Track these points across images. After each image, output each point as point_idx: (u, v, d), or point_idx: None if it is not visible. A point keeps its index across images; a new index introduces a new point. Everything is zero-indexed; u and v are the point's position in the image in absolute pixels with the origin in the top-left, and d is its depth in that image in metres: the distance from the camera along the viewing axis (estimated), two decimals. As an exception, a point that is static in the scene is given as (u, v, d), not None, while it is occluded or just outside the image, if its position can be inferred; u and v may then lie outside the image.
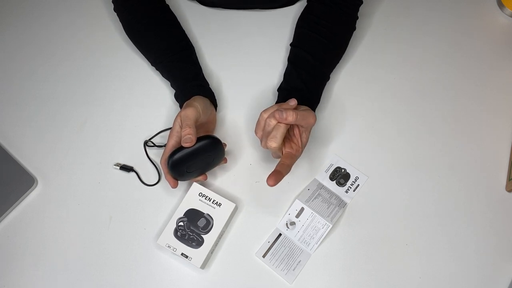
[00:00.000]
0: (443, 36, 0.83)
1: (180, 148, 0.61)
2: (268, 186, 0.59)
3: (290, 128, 0.64)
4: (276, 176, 0.59)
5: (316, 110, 0.72)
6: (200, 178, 0.66)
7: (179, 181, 0.64)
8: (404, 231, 0.67)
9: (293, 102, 0.61)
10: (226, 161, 0.69)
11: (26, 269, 0.65)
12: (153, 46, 0.75)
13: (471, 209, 0.69)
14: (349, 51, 0.79)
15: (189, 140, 0.59)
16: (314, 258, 0.66)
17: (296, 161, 0.66)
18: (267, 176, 0.59)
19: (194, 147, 0.61)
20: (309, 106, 0.68)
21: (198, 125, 0.65)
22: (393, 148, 0.73)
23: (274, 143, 0.58)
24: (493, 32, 0.83)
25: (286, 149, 0.64)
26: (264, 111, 0.61)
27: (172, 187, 0.64)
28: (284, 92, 0.71)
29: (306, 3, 0.77)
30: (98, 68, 0.80)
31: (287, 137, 0.64)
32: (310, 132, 0.64)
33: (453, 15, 0.85)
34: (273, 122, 0.58)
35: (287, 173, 0.61)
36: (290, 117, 0.57)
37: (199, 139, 0.61)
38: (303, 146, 0.64)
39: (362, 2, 0.76)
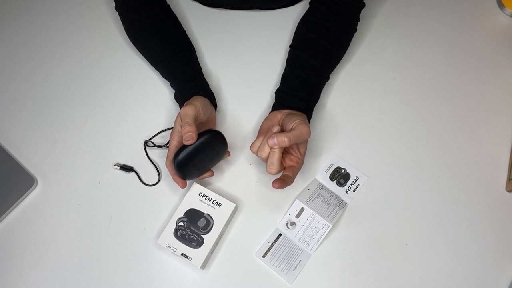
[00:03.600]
0: (443, 36, 0.83)
1: (183, 147, 0.61)
2: (272, 187, 0.62)
3: None
4: (281, 183, 0.62)
5: (314, 109, 0.72)
6: (207, 174, 0.66)
7: (187, 180, 0.65)
8: (404, 231, 0.67)
9: (275, 128, 0.62)
10: (229, 154, 0.69)
11: (26, 269, 0.65)
12: (153, 46, 0.74)
13: (471, 209, 0.69)
14: (350, 51, 0.79)
15: (189, 137, 0.60)
16: (314, 258, 0.66)
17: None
18: (267, 177, 0.61)
19: (197, 144, 0.61)
20: (306, 107, 0.69)
21: (198, 125, 0.65)
22: (393, 148, 0.73)
23: (273, 169, 0.60)
24: (493, 32, 0.83)
25: (287, 163, 0.65)
26: (252, 145, 0.63)
27: (181, 187, 0.64)
28: (281, 95, 0.71)
29: (307, 5, 0.77)
30: (98, 68, 0.80)
31: (286, 151, 0.66)
32: (307, 141, 0.65)
33: (453, 15, 0.85)
34: (267, 149, 0.60)
35: (290, 184, 0.63)
36: (283, 143, 0.59)
37: (200, 135, 0.61)
38: (303, 157, 0.65)
39: (364, 5, 0.76)
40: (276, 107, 0.70)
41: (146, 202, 0.69)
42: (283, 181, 0.62)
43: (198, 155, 0.62)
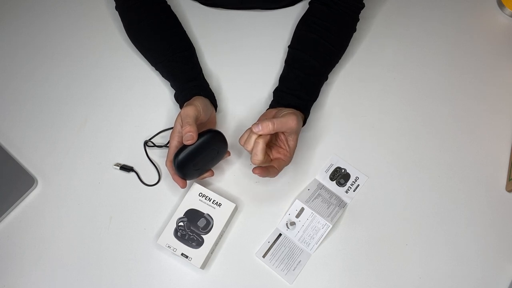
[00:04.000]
0: (443, 36, 0.83)
1: (183, 147, 0.61)
2: (257, 176, 0.62)
3: (275, 135, 0.65)
4: (262, 170, 0.61)
5: (315, 109, 0.72)
6: (207, 174, 0.66)
7: (187, 180, 0.65)
8: (404, 231, 0.67)
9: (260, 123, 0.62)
10: (229, 154, 0.69)
11: (26, 269, 0.65)
12: (153, 46, 0.74)
13: (471, 209, 0.69)
14: (349, 51, 0.79)
15: (190, 137, 0.60)
16: (314, 258, 0.66)
17: (296, 161, 0.66)
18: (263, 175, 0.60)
19: (197, 143, 0.61)
20: (304, 106, 0.69)
21: (198, 125, 0.65)
22: (393, 148, 0.73)
23: (256, 160, 0.60)
24: (493, 32, 0.83)
25: (274, 155, 0.65)
26: (240, 138, 0.62)
27: (182, 188, 0.64)
28: (279, 93, 0.71)
29: (307, 5, 0.77)
30: (98, 68, 0.80)
31: (274, 143, 0.66)
32: (297, 136, 0.64)
33: (453, 15, 0.85)
34: (253, 137, 0.60)
35: (272, 175, 0.63)
36: (266, 128, 0.58)
37: (200, 135, 0.61)
38: (291, 151, 0.64)
39: (364, 5, 0.76)
40: (273, 105, 0.70)
41: (146, 202, 0.69)
42: (266, 170, 0.62)
43: (198, 155, 0.62)
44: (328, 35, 0.72)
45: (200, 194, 0.66)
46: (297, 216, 0.67)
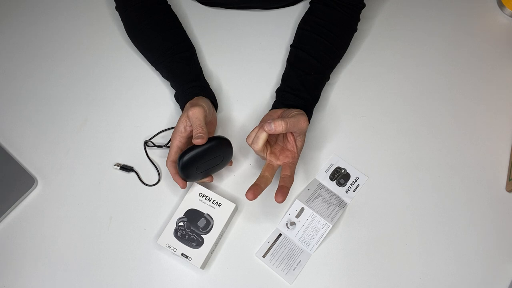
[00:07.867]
0: (443, 36, 0.83)
1: (189, 149, 0.61)
2: (276, 202, 0.60)
3: (283, 136, 0.65)
4: (282, 192, 0.60)
5: (315, 109, 0.72)
6: (206, 179, 0.66)
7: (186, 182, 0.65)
8: (404, 231, 0.67)
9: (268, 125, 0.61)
10: (231, 164, 0.69)
11: (26, 269, 0.65)
12: (154, 46, 0.74)
13: (471, 209, 0.69)
14: (350, 51, 0.79)
15: (201, 137, 0.59)
16: (314, 258, 0.66)
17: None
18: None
19: (205, 147, 0.61)
20: (306, 106, 0.69)
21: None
22: (393, 148, 0.73)
23: (256, 146, 0.59)
24: (493, 32, 0.83)
25: (284, 160, 0.64)
26: (248, 137, 0.62)
27: (182, 188, 0.64)
28: (281, 93, 0.71)
29: (308, 5, 0.78)
30: (98, 68, 0.80)
31: (281, 146, 0.65)
32: (305, 135, 0.64)
33: (453, 15, 0.85)
34: (262, 136, 0.59)
35: (292, 184, 0.62)
36: (279, 127, 0.58)
37: (209, 140, 0.61)
38: (299, 151, 0.64)
39: (364, 5, 0.76)
40: (276, 105, 0.70)
41: (146, 202, 0.69)
42: (284, 188, 0.60)
43: (203, 159, 0.62)
44: (329, 35, 0.72)
45: (200, 194, 0.67)
46: (297, 216, 0.67)
